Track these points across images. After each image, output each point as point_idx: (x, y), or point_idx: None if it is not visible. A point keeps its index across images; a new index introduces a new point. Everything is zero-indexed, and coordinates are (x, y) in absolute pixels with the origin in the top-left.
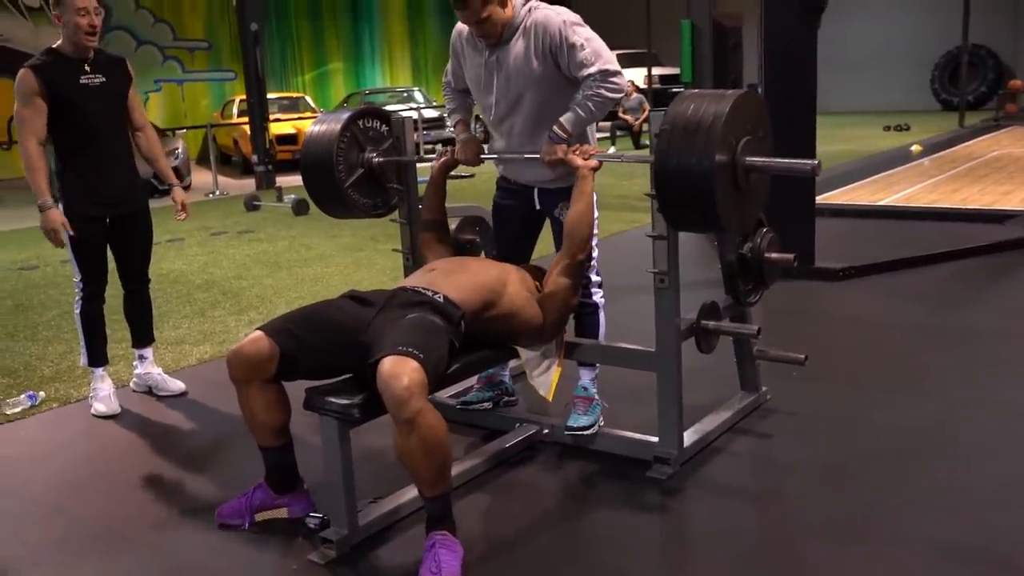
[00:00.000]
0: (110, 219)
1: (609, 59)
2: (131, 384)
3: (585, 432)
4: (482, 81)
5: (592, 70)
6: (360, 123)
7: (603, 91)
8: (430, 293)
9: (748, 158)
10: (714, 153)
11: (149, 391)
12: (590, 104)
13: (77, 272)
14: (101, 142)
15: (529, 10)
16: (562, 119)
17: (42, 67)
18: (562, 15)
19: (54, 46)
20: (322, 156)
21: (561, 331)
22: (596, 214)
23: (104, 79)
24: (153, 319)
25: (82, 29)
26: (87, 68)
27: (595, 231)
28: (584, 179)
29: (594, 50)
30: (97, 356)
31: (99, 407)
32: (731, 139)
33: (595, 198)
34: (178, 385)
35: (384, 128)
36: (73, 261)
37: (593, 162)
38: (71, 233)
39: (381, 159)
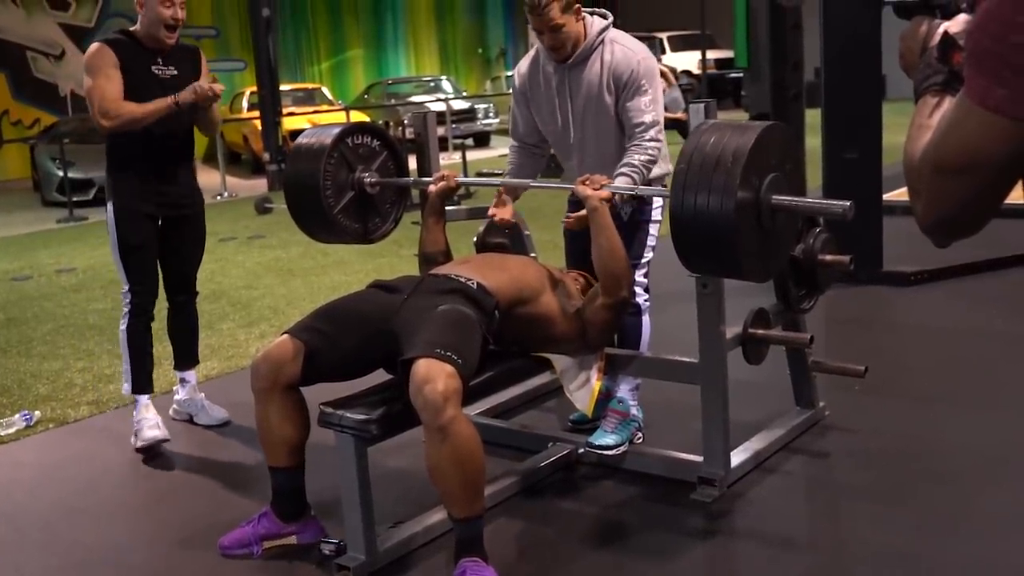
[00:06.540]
0: (163, 221)
1: (660, 114)
2: (170, 412)
3: (609, 452)
4: (556, 106)
5: (647, 119)
6: (349, 141)
7: (652, 149)
8: (463, 279)
9: (775, 197)
10: (735, 192)
11: (190, 419)
12: (644, 168)
13: (125, 281)
14: (163, 138)
15: (603, 40)
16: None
17: (117, 43)
18: (639, 54)
19: (130, 28)
20: (308, 180)
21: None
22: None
23: (176, 72)
24: (199, 337)
25: (164, 21)
26: (159, 60)
27: (653, 239)
28: (596, 211)
29: (655, 99)
30: (144, 382)
31: (149, 434)
32: (754, 176)
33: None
34: (222, 413)
35: (376, 144)
36: (120, 268)
37: (604, 192)
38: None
39: (374, 179)
